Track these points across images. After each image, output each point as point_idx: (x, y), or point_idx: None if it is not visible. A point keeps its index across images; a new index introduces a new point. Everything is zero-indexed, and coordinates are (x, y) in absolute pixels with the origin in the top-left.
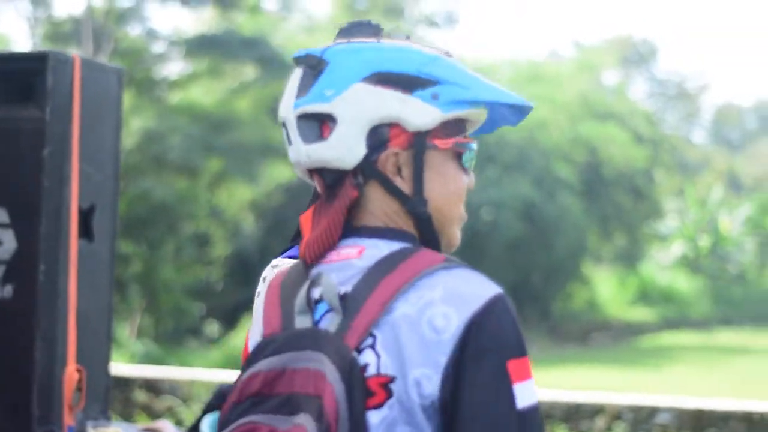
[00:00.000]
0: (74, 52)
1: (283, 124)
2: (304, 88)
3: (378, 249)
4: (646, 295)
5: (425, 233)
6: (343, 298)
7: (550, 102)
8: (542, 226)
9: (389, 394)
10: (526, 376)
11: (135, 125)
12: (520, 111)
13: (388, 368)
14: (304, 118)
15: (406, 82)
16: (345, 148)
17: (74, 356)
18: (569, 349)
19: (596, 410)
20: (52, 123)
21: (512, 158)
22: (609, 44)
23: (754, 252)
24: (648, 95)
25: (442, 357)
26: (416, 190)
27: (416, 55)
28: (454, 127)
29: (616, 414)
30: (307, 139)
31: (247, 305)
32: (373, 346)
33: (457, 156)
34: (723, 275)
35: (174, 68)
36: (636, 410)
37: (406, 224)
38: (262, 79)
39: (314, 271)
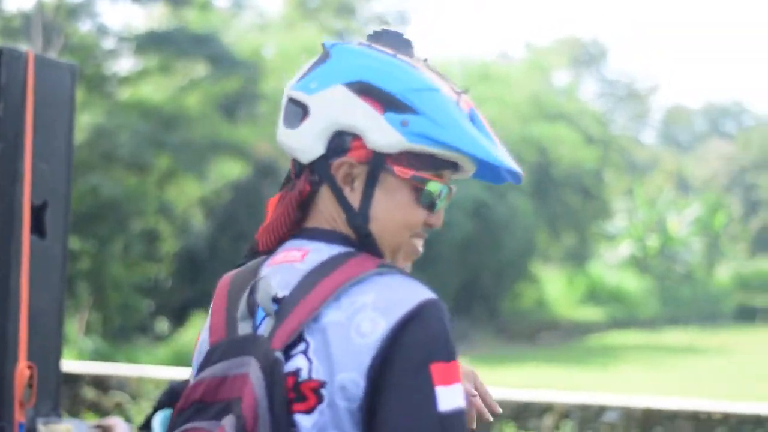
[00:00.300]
0: (24, 47)
1: None
2: (305, 74)
3: (320, 253)
4: (594, 295)
5: (366, 250)
6: (281, 301)
7: (499, 102)
8: (492, 226)
9: (320, 399)
10: (451, 380)
11: (84, 121)
12: (513, 174)
13: (319, 373)
14: (291, 102)
15: (384, 100)
16: (305, 142)
17: (25, 353)
18: (518, 348)
19: (544, 409)
20: (5, 119)
21: None
22: (559, 45)
23: (702, 252)
24: (598, 96)
25: (366, 360)
26: (362, 205)
27: (411, 79)
28: (421, 160)
29: (564, 413)
30: (286, 122)
31: (195, 302)
32: (305, 352)
33: (416, 190)
34: (671, 275)
35: (124, 64)
36: (584, 409)
37: (351, 233)
38: (213, 77)
39: (261, 274)
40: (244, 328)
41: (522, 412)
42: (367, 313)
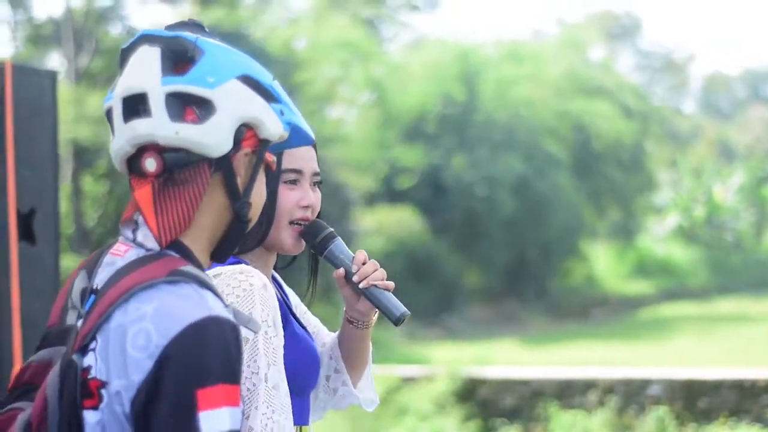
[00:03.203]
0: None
1: (132, 96)
2: (171, 68)
3: (137, 251)
4: (643, 268)
5: (235, 233)
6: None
7: (535, 80)
8: (535, 204)
9: (101, 398)
10: (218, 403)
11: None
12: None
13: (101, 373)
14: (176, 96)
15: (265, 92)
16: (218, 137)
17: (20, 358)
18: (569, 326)
19: (588, 385)
20: None
21: (501, 137)
22: (592, 20)
23: (750, 219)
24: (635, 68)
25: (136, 376)
26: (246, 192)
27: (262, 69)
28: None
29: (609, 388)
30: (174, 117)
31: None
32: (95, 350)
33: (267, 170)
34: (720, 244)
35: None
36: (627, 383)
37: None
38: None
39: (101, 262)
40: (71, 317)
41: (566, 390)
42: (145, 323)
